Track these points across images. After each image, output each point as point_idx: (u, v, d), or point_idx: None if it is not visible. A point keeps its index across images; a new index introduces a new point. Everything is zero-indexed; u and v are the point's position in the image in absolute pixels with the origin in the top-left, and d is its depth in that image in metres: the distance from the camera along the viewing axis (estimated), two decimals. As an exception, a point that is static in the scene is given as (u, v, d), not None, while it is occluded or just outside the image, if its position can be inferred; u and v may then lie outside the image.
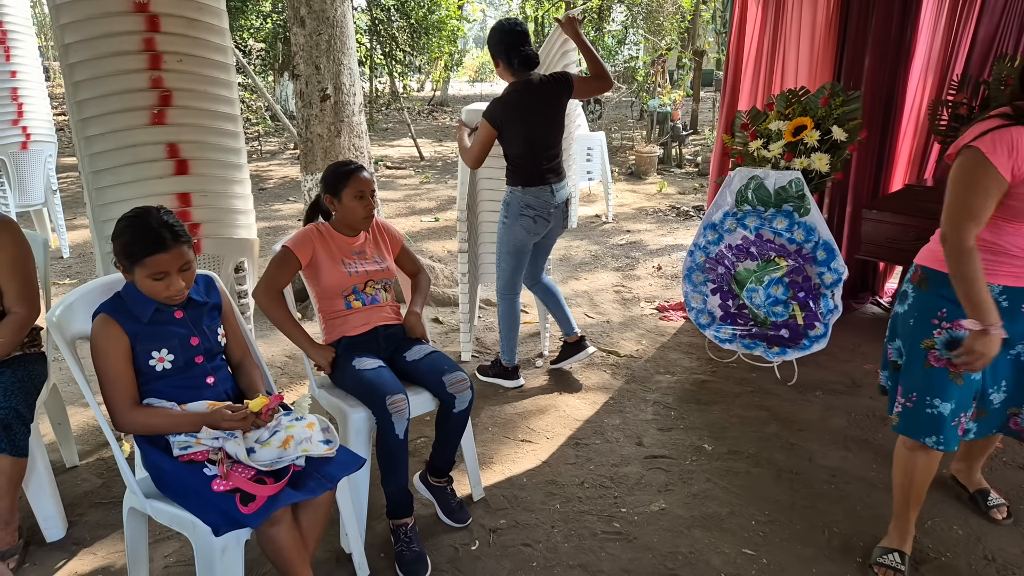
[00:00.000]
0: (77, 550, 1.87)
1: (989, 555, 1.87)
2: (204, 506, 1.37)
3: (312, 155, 3.69)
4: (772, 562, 1.84)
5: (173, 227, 1.48)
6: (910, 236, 3.06)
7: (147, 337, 1.49)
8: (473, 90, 22.83)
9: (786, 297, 2.87)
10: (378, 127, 13.22)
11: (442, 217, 6.18)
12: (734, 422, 2.60)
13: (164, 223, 1.48)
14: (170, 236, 1.46)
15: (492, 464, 2.32)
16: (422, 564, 1.78)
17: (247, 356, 1.72)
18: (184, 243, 1.49)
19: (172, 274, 1.48)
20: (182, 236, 1.49)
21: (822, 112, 2.85)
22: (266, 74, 13.37)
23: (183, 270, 1.50)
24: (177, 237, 1.48)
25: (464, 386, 1.89)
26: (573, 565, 1.83)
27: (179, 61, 2.11)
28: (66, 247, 4.78)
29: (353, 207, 1.94)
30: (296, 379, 3.00)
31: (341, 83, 3.62)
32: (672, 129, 8.98)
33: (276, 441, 1.45)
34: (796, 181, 2.79)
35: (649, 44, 12.47)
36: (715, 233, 3.02)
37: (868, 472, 2.26)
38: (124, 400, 1.45)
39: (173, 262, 1.47)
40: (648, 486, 2.19)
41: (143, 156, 2.08)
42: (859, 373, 3.01)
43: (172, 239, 1.46)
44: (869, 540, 1.92)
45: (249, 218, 2.37)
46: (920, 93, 3.65)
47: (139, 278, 1.47)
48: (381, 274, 2.03)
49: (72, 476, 2.21)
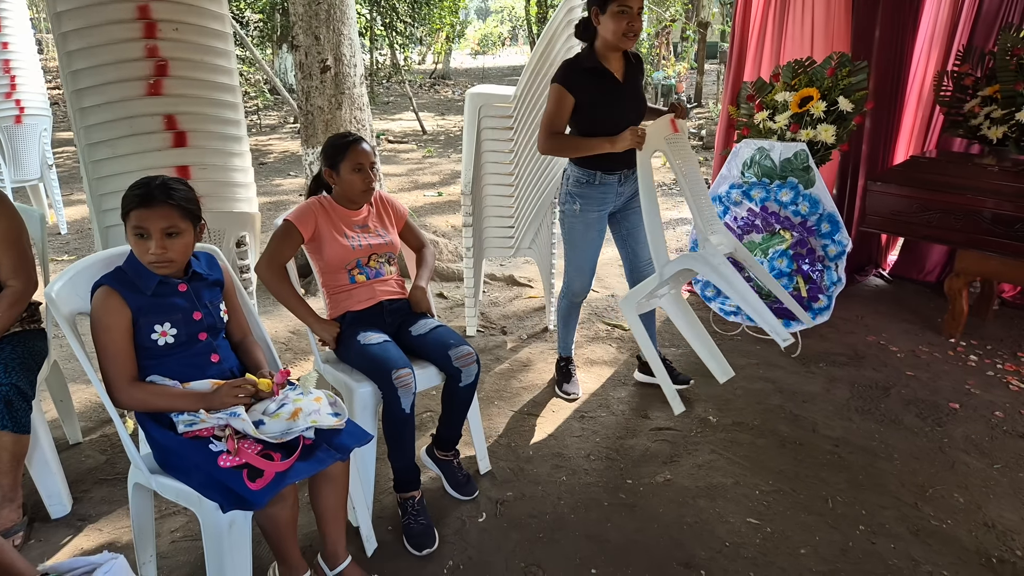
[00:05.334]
0: (82, 526, 1.88)
1: (989, 522, 1.88)
2: (210, 484, 1.34)
3: (313, 128, 3.63)
4: (776, 531, 1.86)
5: (169, 188, 1.43)
6: (914, 208, 3.03)
7: (150, 310, 1.45)
8: (475, 63, 22.45)
9: (790, 270, 2.85)
10: (379, 100, 13.06)
11: (445, 192, 6.13)
12: (739, 394, 2.60)
13: (163, 184, 1.43)
14: (160, 194, 1.41)
15: (499, 437, 2.33)
16: (430, 536, 1.79)
17: (248, 335, 1.69)
18: (174, 206, 1.42)
19: (154, 234, 1.42)
20: (174, 199, 1.43)
21: (828, 83, 2.79)
22: (264, 47, 13.15)
23: (169, 234, 1.44)
24: (168, 197, 1.42)
25: (470, 360, 1.88)
26: (579, 536, 1.84)
27: (175, 30, 2.05)
28: (63, 223, 4.75)
29: (352, 180, 1.91)
30: (301, 355, 3.00)
31: (341, 54, 3.55)
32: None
33: (285, 413, 1.43)
34: (801, 153, 2.75)
35: (653, 16, 12.22)
36: (720, 206, 2.99)
37: (870, 442, 2.27)
38: (123, 376, 1.42)
39: (155, 220, 1.41)
40: (654, 458, 2.20)
41: (140, 128, 2.04)
42: (862, 345, 3.01)
43: (162, 197, 1.41)
44: (872, 508, 1.94)
45: (250, 191, 2.34)
46: (925, 64, 3.58)
47: (128, 236, 1.44)
48: (385, 247, 2.01)
49: (76, 453, 2.22)
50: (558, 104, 2.14)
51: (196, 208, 1.50)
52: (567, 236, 2.39)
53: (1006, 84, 2.94)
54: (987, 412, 2.45)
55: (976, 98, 3.20)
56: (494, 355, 2.95)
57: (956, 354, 2.91)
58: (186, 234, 1.47)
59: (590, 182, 2.27)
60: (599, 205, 2.31)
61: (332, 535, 1.57)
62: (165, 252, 1.44)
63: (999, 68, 3.00)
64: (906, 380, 2.69)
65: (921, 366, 2.82)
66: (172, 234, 1.44)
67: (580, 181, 2.29)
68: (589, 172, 2.26)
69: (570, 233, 2.37)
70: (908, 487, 2.04)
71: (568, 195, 2.33)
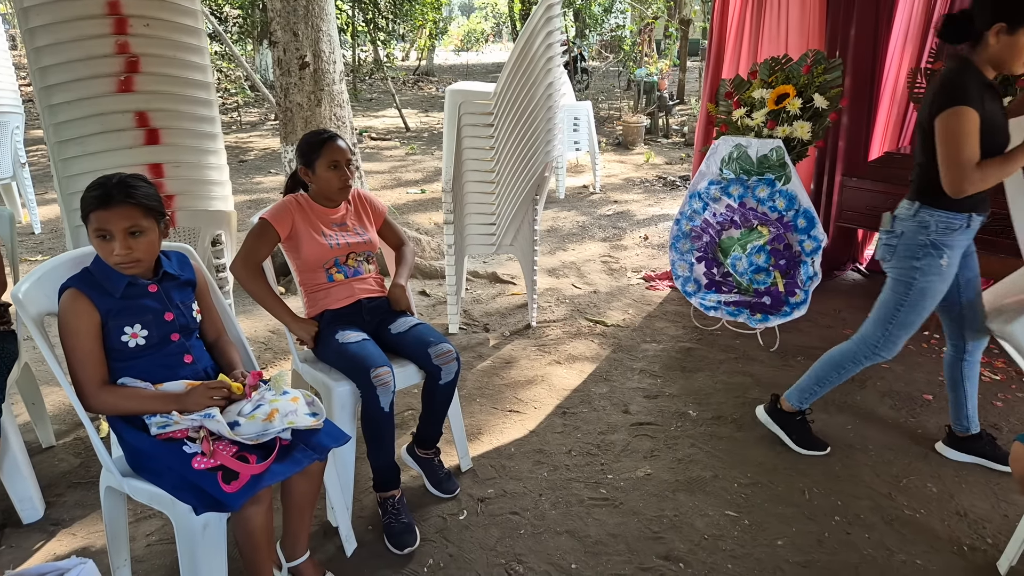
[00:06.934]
0: (55, 531, 1.85)
1: (961, 511, 1.92)
2: (183, 486, 1.32)
3: (292, 125, 3.60)
4: (754, 522, 1.88)
5: (128, 186, 1.39)
6: (888, 203, 3.06)
7: (119, 312, 1.43)
8: (459, 59, 22.36)
9: (768, 265, 2.88)
10: (362, 97, 12.96)
11: (428, 189, 6.11)
12: (718, 388, 2.63)
13: (122, 182, 1.39)
14: (119, 194, 1.37)
15: (480, 435, 2.33)
16: (410, 535, 1.79)
17: (223, 335, 1.67)
18: (135, 204, 1.38)
19: (116, 235, 1.38)
20: (135, 197, 1.38)
21: (804, 80, 2.82)
22: (244, 42, 12.98)
23: (132, 233, 1.40)
24: (128, 197, 1.38)
25: (450, 357, 1.88)
26: (560, 531, 1.85)
27: (146, 25, 2.02)
28: (37, 222, 4.66)
29: (328, 178, 1.89)
30: (280, 354, 2.97)
31: (320, 50, 3.51)
32: (659, 99, 8.90)
33: (260, 414, 1.41)
34: (777, 149, 2.78)
35: (636, 13, 12.26)
36: (700, 202, 3.01)
37: (847, 434, 2.31)
38: (93, 380, 1.39)
39: (117, 221, 1.37)
40: (634, 452, 2.21)
41: (111, 125, 2.01)
42: (840, 338, 3.02)
43: (121, 196, 1.37)
44: (847, 499, 1.97)
45: (225, 189, 2.31)
46: (899, 61, 3.63)
47: (91, 238, 1.41)
48: (363, 246, 1.99)
49: (49, 456, 2.18)
50: (969, 127, 1.71)
51: (158, 204, 1.46)
52: (916, 296, 1.91)
53: (978, 81, 2.99)
54: (960, 403, 2.50)
55: (949, 95, 3.25)
56: (476, 352, 2.95)
57: (930, 346, 2.97)
58: (150, 232, 1.44)
59: (962, 227, 1.85)
60: (959, 255, 1.92)
61: (294, 528, 1.57)
62: (130, 252, 1.41)
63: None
64: (881, 372, 2.74)
65: (896, 358, 2.84)
66: (135, 233, 1.41)
67: (951, 227, 1.84)
68: (962, 215, 1.84)
69: (924, 292, 1.90)
70: (883, 477, 2.08)
71: (931, 246, 1.86)
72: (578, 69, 12.10)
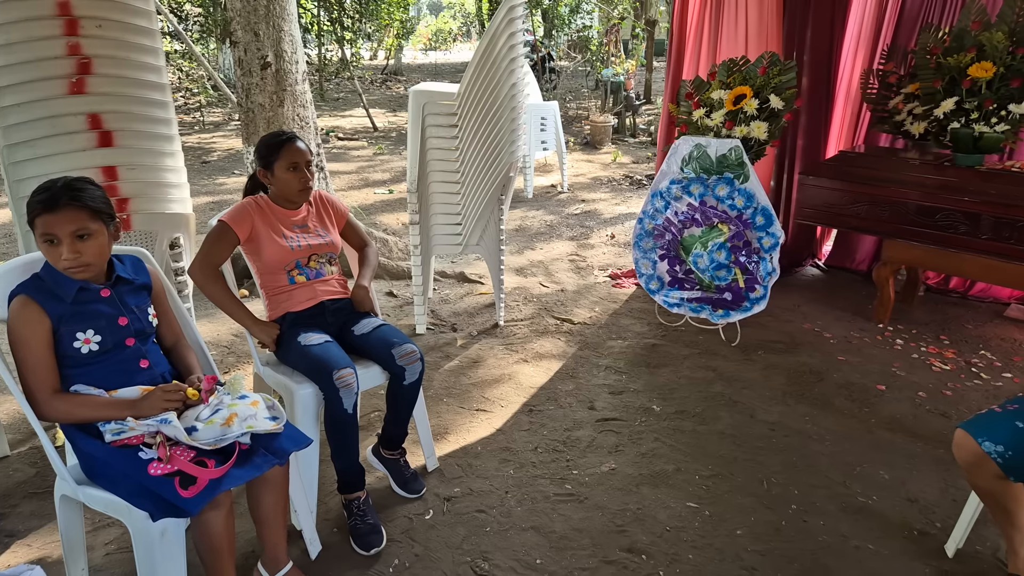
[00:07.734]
0: (10, 542, 1.80)
1: (912, 497, 2.00)
2: (139, 493, 1.30)
3: (254, 125, 3.55)
4: (715, 513, 1.93)
5: (74, 188, 1.37)
6: (844, 200, 3.17)
7: (71, 318, 1.40)
8: (427, 59, 22.24)
9: (728, 261, 2.95)
10: (329, 97, 12.80)
11: (396, 189, 6.07)
12: (682, 383, 2.68)
13: (67, 185, 1.37)
14: (65, 197, 1.35)
15: (447, 434, 2.34)
16: (377, 536, 1.79)
17: (180, 340, 1.64)
18: (81, 207, 1.36)
19: (64, 239, 1.36)
20: (81, 200, 1.36)
21: (761, 81, 2.90)
22: (206, 41, 12.70)
23: (80, 237, 1.38)
24: (74, 199, 1.36)
25: (414, 358, 1.88)
26: (526, 527, 1.87)
27: (98, 26, 1.98)
28: (-9, 228, 4.51)
29: (287, 179, 1.88)
30: (244, 358, 2.93)
31: (282, 50, 3.47)
32: (626, 99, 9.01)
33: (219, 419, 1.40)
34: (735, 149, 2.85)
35: (603, 13, 12.36)
36: (662, 201, 3.07)
37: (804, 425, 2.38)
38: (44, 388, 1.36)
39: (63, 225, 1.35)
40: (599, 448, 2.25)
41: (62, 128, 1.97)
42: (799, 333, 3.14)
43: (67, 200, 1.35)
44: (804, 488, 2.03)
45: (183, 192, 2.27)
46: (852, 63, 3.75)
47: (38, 244, 1.38)
48: (325, 248, 1.98)
49: (3, 466, 2.12)
50: None
51: (107, 207, 1.44)
52: None
53: (926, 82, 3.11)
54: (911, 393, 2.60)
55: (899, 95, 3.38)
56: (444, 352, 2.96)
57: (884, 339, 3.07)
58: (99, 235, 1.41)
59: None
60: None
61: (272, 540, 1.55)
62: (79, 256, 1.38)
63: (919, 67, 3.17)
64: (838, 365, 2.83)
65: (852, 351, 2.96)
66: (83, 236, 1.39)
67: None
68: None
69: None
70: (838, 466, 2.15)
71: None
72: (546, 69, 12.16)
